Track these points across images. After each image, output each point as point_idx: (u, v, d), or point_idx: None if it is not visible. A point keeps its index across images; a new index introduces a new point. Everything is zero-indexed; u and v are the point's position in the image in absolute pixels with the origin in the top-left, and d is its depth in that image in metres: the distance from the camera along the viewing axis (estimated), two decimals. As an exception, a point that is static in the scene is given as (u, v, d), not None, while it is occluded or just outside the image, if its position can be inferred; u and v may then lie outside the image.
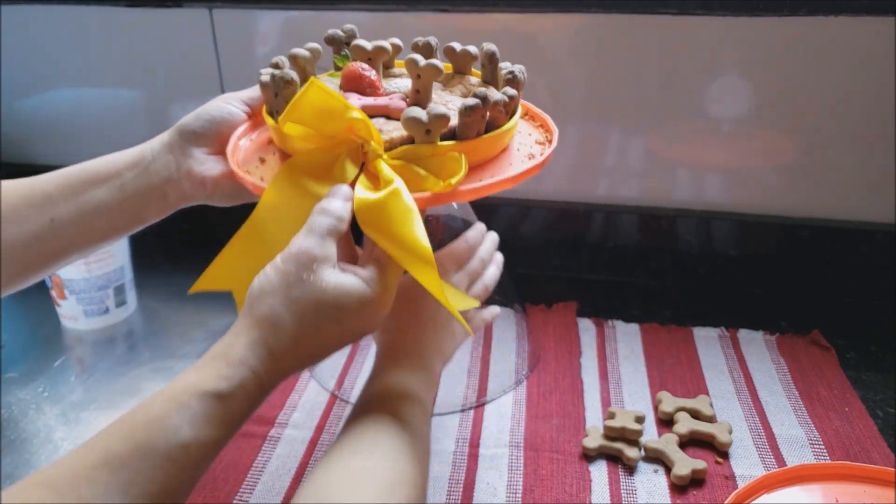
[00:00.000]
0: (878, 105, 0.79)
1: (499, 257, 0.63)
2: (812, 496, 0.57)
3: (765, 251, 0.88)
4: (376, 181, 0.47)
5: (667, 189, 0.89)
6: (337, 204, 0.45)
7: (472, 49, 0.57)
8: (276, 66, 0.55)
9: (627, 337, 0.79)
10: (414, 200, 0.45)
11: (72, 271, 0.79)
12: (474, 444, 0.64)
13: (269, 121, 0.52)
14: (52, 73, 1.00)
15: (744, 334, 0.79)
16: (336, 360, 0.75)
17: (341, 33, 0.59)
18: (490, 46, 0.56)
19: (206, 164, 0.54)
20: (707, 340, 0.78)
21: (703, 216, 0.88)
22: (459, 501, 0.58)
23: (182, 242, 0.65)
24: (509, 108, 0.52)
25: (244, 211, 0.65)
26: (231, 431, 0.41)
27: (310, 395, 0.71)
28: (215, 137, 0.55)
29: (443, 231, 0.67)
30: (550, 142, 0.56)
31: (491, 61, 0.57)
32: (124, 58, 0.96)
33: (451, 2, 0.83)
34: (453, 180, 0.46)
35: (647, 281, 0.91)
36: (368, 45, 0.55)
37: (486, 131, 0.51)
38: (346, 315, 0.43)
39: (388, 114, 0.51)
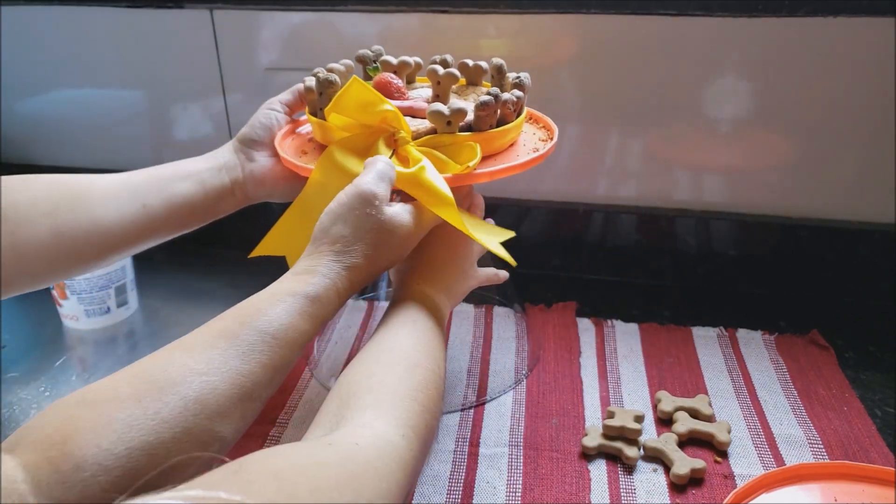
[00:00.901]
0: (878, 105, 0.80)
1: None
2: (811, 495, 0.57)
3: (764, 251, 0.88)
4: (406, 163, 0.57)
5: (666, 189, 0.89)
6: (386, 158, 0.56)
7: (483, 63, 0.68)
8: (323, 74, 0.63)
9: (627, 336, 0.79)
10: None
11: (73, 271, 0.79)
12: (474, 444, 0.64)
13: (312, 119, 0.63)
14: (52, 74, 1.00)
15: (743, 334, 0.79)
16: (336, 359, 0.76)
17: (370, 53, 0.69)
18: (498, 61, 0.66)
19: (266, 166, 0.65)
20: (706, 340, 0.78)
21: (702, 216, 0.88)
22: (459, 501, 0.58)
23: (183, 243, 0.65)
24: (517, 107, 0.62)
25: (240, 217, 0.67)
26: (318, 326, 0.50)
27: (310, 395, 0.71)
28: (270, 141, 0.66)
29: None
30: (552, 138, 0.65)
31: (499, 73, 0.66)
32: (125, 58, 0.96)
33: (451, 3, 0.83)
34: (471, 163, 0.56)
35: (646, 281, 0.91)
36: (394, 60, 0.67)
37: (497, 126, 0.60)
38: (398, 239, 0.54)
39: (413, 113, 0.62)
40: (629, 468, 0.61)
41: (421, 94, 0.66)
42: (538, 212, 0.92)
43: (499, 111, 0.60)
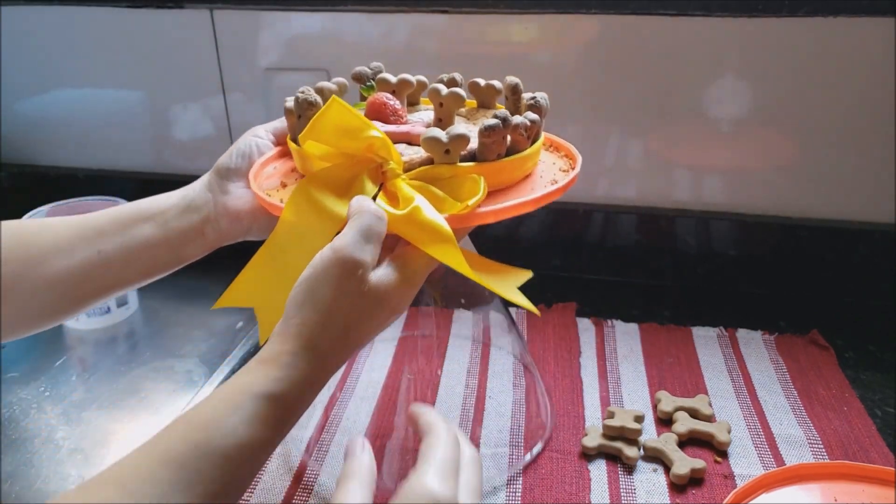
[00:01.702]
0: (878, 105, 0.80)
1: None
2: (811, 495, 0.57)
3: (764, 251, 0.88)
4: (395, 201, 0.47)
5: (666, 189, 0.89)
6: (375, 205, 0.46)
7: (496, 83, 0.58)
8: (302, 94, 0.55)
9: (626, 336, 0.79)
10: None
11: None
12: (474, 444, 0.64)
13: (292, 145, 0.54)
14: (52, 74, 1.00)
15: (742, 334, 0.79)
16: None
17: (368, 70, 0.61)
18: (512, 80, 0.56)
19: (242, 199, 0.56)
20: (706, 340, 0.78)
21: (702, 216, 0.88)
22: (459, 501, 0.58)
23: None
24: (531, 133, 0.52)
25: None
26: (285, 429, 0.42)
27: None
28: (248, 171, 0.57)
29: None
30: (574, 167, 0.55)
31: (514, 93, 0.56)
32: (125, 58, 0.96)
33: (451, 3, 0.83)
34: (471, 202, 0.46)
35: (646, 281, 0.91)
36: (393, 78, 0.57)
37: (508, 155, 0.51)
38: (385, 307, 0.45)
39: (410, 140, 0.52)
40: (629, 468, 0.61)
41: (423, 117, 0.57)
42: (538, 211, 0.91)
43: (508, 138, 0.50)
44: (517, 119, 0.50)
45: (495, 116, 0.49)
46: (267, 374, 0.41)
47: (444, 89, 0.52)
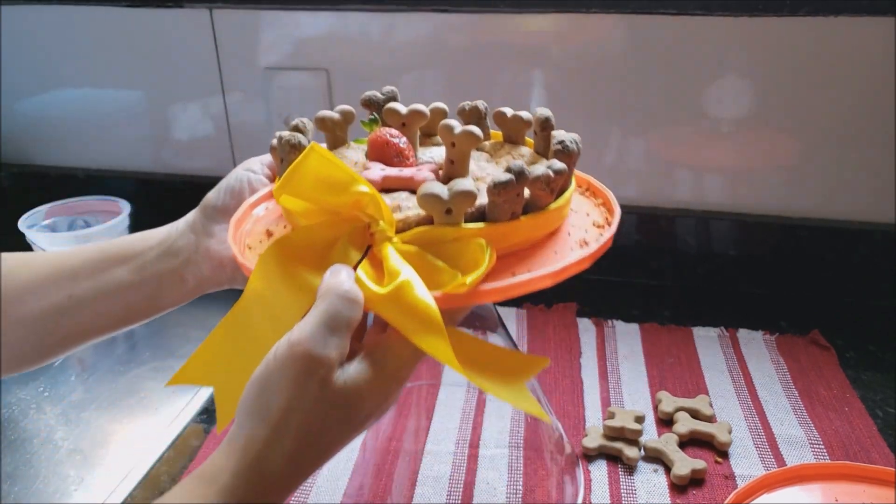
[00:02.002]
0: (878, 105, 0.79)
1: None
2: (812, 496, 0.57)
3: (764, 251, 0.88)
4: (381, 271, 0.39)
5: (666, 189, 0.89)
6: (348, 284, 0.37)
7: (525, 115, 0.50)
8: (296, 128, 0.48)
9: (627, 337, 0.79)
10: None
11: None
12: (474, 445, 0.64)
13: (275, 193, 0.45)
14: (52, 74, 1.00)
15: (743, 334, 0.79)
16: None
17: (380, 95, 0.52)
18: (544, 113, 0.48)
19: (226, 244, 0.50)
20: (707, 340, 0.78)
21: (702, 216, 0.88)
22: (459, 502, 0.58)
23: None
24: (555, 186, 0.43)
25: None
26: None
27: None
28: (237, 210, 0.49)
29: None
30: (610, 223, 0.47)
31: (544, 129, 0.48)
32: (124, 58, 0.96)
33: (451, 2, 0.83)
34: (469, 279, 0.37)
35: (646, 281, 0.91)
36: (403, 109, 0.48)
37: (526, 212, 0.42)
38: (358, 412, 0.37)
39: (413, 187, 0.43)
40: (630, 469, 0.61)
41: (434, 156, 0.48)
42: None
43: (526, 192, 0.41)
44: (538, 170, 0.41)
45: (509, 170, 0.40)
46: (203, 496, 0.35)
47: (457, 127, 0.43)
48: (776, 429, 0.65)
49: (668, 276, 0.91)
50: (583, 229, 0.46)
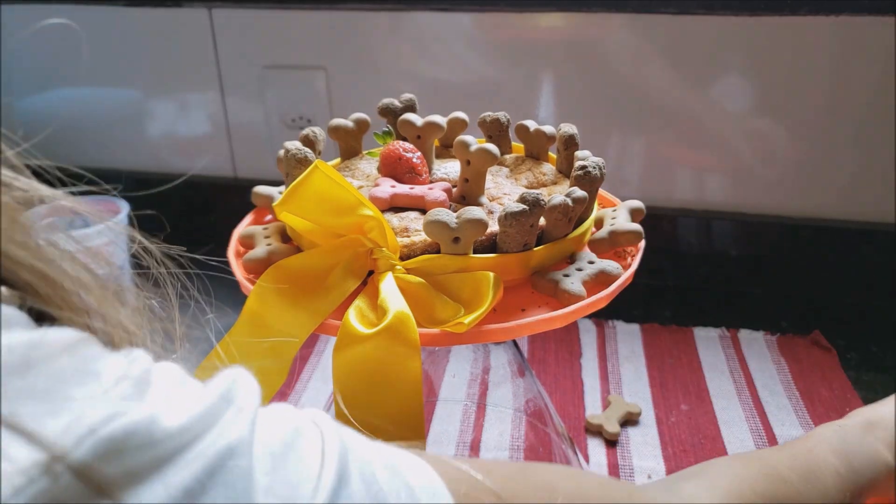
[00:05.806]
0: (878, 105, 0.79)
1: None
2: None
3: (765, 251, 0.88)
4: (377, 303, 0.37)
5: (667, 189, 0.88)
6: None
7: (548, 129, 0.48)
8: (307, 138, 0.46)
9: (628, 337, 0.79)
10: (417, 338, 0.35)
11: (71, 272, 0.78)
12: (475, 448, 0.64)
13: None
14: (51, 73, 1.00)
15: (744, 334, 0.79)
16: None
17: (398, 104, 0.50)
18: (568, 130, 0.46)
19: None
20: (707, 341, 0.78)
21: (703, 216, 0.88)
22: (460, 503, 0.58)
23: (183, 242, 0.65)
24: (574, 215, 0.40)
25: (238, 216, 0.60)
26: None
27: (309, 395, 0.71)
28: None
29: None
30: (633, 256, 0.45)
31: (567, 147, 0.47)
32: (123, 57, 0.96)
33: (453, 2, 0.83)
34: (467, 320, 0.35)
35: (647, 281, 0.91)
36: (419, 121, 0.45)
37: (543, 240, 0.40)
38: None
39: (425, 206, 0.41)
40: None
41: (449, 172, 0.45)
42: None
43: (543, 221, 0.39)
44: (556, 199, 0.38)
45: (523, 199, 0.37)
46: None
47: (473, 144, 0.41)
48: (777, 429, 0.65)
49: (669, 276, 0.91)
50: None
